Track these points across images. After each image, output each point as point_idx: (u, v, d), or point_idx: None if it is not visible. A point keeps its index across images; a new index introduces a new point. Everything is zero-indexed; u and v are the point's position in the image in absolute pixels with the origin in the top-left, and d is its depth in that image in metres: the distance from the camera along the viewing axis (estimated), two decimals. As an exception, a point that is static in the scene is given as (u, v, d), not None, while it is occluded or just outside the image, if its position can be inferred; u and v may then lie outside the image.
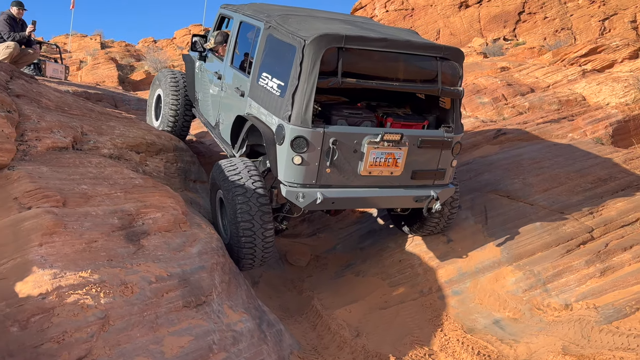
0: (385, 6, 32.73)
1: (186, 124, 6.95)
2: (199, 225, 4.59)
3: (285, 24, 4.75)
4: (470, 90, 9.88)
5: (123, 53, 30.25)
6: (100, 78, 22.23)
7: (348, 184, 4.59)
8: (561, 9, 29.22)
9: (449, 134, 4.81)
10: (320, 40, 4.26)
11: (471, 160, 7.09)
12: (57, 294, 3.01)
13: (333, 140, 4.36)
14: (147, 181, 4.55)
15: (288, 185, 4.49)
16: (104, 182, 4.18)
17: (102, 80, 21.97)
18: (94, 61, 24.25)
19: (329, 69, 4.34)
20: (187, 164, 6.36)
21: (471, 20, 30.61)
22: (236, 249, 4.68)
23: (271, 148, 4.54)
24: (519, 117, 8.92)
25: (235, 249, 4.69)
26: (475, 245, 5.47)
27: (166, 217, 4.20)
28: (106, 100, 9.17)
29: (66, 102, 5.28)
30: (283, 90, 4.47)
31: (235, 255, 4.71)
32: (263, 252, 4.71)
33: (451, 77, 4.74)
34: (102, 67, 23.06)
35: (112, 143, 5.06)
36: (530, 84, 10.13)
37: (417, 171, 4.76)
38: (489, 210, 5.78)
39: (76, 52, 31.62)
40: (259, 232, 4.56)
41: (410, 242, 5.78)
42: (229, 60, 5.71)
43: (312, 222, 7.65)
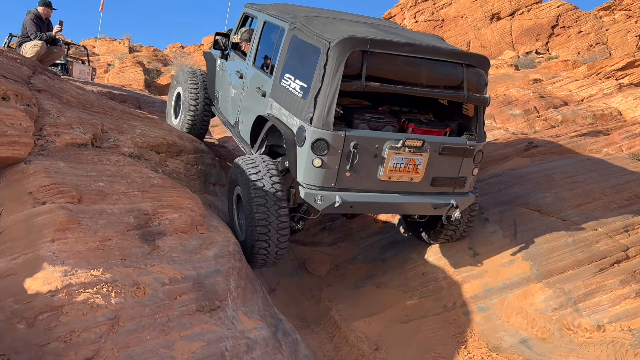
0: (414, 17, 32.61)
1: (205, 122, 6.94)
2: (216, 228, 4.51)
3: (310, 25, 4.74)
4: (501, 101, 9.68)
5: (150, 57, 30.69)
6: (127, 81, 22.51)
7: (367, 188, 4.58)
8: (596, 23, 28.75)
9: (472, 142, 4.77)
10: (345, 43, 4.25)
11: (501, 172, 6.91)
12: (66, 292, 2.95)
13: (354, 144, 4.35)
14: (165, 181, 4.50)
15: (307, 187, 4.48)
16: (121, 180, 4.13)
17: (128, 83, 22.25)
18: (121, 64, 24.61)
19: (352, 72, 4.33)
20: (208, 167, 6.30)
21: (502, 33, 30.30)
22: (250, 245, 4.68)
23: (291, 149, 4.54)
24: (551, 130, 8.69)
25: (249, 245, 4.69)
26: (503, 260, 5.29)
27: (183, 219, 4.13)
28: (130, 101, 9.21)
29: (88, 99, 5.27)
30: (305, 92, 4.46)
31: (249, 251, 4.70)
32: (277, 250, 4.70)
33: (476, 84, 4.71)
34: (129, 70, 23.38)
35: (132, 142, 5.03)
36: (563, 97, 9.89)
37: (437, 178, 4.73)
38: (519, 224, 5.59)
39: (104, 55, 32.18)
40: (275, 230, 4.56)
41: (434, 255, 5.62)
42: (251, 59, 5.71)
43: (332, 231, 7.53)
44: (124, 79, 22.68)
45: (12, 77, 4.24)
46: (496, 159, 7.57)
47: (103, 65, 27.67)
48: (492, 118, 9.47)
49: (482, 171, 7.30)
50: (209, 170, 6.31)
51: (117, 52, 32.04)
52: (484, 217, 5.81)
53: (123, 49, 33.32)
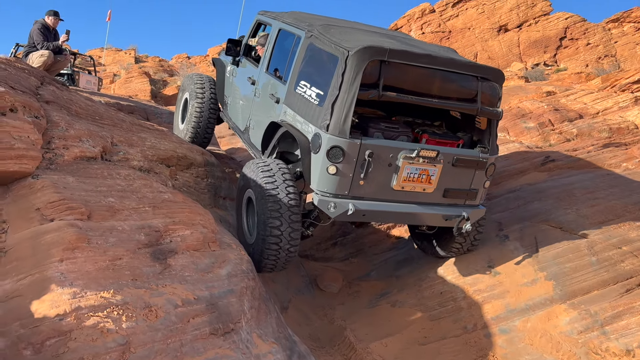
0: (421, 28, 32.59)
1: (209, 128, 6.89)
2: (229, 245, 4.36)
3: (328, 34, 4.78)
4: (514, 114, 9.54)
5: (156, 68, 30.71)
6: (133, 92, 22.48)
7: (380, 197, 4.61)
8: (605, 35, 28.64)
9: (484, 155, 4.82)
10: (364, 52, 4.29)
11: (518, 188, 6.74)
12: (75, 316, 2.79)
13: (369, 153, 4.38)
14: (176, 196, 4.35)
15: (320, 194, 4.50)
16: (132, 195, 3.98)
17: (134, 93, 22.21)
18: (127, 75, 24.59)
19: (369, 81, 4.37)
20: (218, 180, 6.17)
21: (510, 45, 30.21)
22: (260, 250, 4.68)
23: (306, 156, 4.57)
24: (566, 144, 8.53)
25: (259, 249, 4.69)
26: (524, 280, 5.11)
27: (195, 236, 3.98)
28: (138, 112, 9.10)
29: (97, 111, 5.15)
30: (322, 99, 4.49)
31: (258, 256, 4.71)
32: (287, 257, 4.71)
33: (490, 97, 4.77)
34: (135, 80, 23.34)
35: (142, 155, 4.90)
36: (578, 110, 9.74)
37: (449, 189, 4.77)
38: (540, 241, 5.41)
39: (110, 65, 32.24)
40: (286, 237, 4.57)
41: (452, 273, 5.44)
42: (264, 66, 5.73)
43: (344, 246, 7.37)
44: (130, 90, 22.64)
45: (20, 88, 4.12)
46: (512, 173, 7.41)
47: (109, 75, 27.68)
48: (506, 131, 9.33)
49: (499, 186, 7.15)
50: (219, 184, 6.17)
51: (123, 62, 32.10)
52: (504, 234, 5.64)
53: (129, 60, 33.38)
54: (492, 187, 7.23)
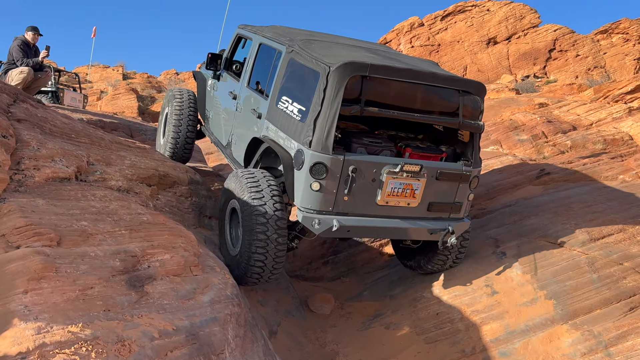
0: (410, 42, 32.68)
1: (188, 143, 6.77)
2: (212, 268, 4.13)
3: (309, 49, 4.76)
4: (507, 127, 9.41)
5: (144, 84, 30.56)
6: (120, 108, 22.28)
7: (364, 212, 4.60)
8: (594, 46, 28.81)
9: (468, 168, 4.82)
10: (346, 68, 4.28)
11: (514, 202, 6.57)
12: (39, 354, 2.54)
13: (352, 168, 4.36)
14: (156, 218, 4.13)
15: (304, 210, 4.47)
16: (107, 218, 3.75)
17: (121, 110, 22.01)
18: (114, 91, 24.40)
19: (351, 97, 4.36)
20: (203, 199, 5.94)
21: (499, 57, 30.32)
22: (245, 264, 4.62)
23: (289, 172, 4.54)
24: (561, 156, 8.39)
25: (243, 263, 4.63)
26: (524, 299, 4.91)
27: (175, 260, 3.75)
28: (121, 129, 8.89)
29: (74, 129, 4.93)
30: (304, 115, 4.47)
31: (242, 269, 4.65)
32: (272, 271, 4.67)
33: (472, 110, 4.77)
34: (123, 97, 23.16)
35: (121, 174, 4.67)
36: (571, 122, 9.62)
37: (433, 203, 4.76)
38: (539, 259, 5.22)
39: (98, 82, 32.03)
40: (272, 252, 4.53)
41: (448, 293, 5.23)
42: (245, 81, 5.68)
43: (335, 265, 7.15)
44: (117, 107, 22.44)
45: (-12, 106, 3.91)
46: (507, 187, 7.24)
47: (96, 92, 27.48)
48: (499, 144, 9.18)
49: (494, 200, 6.98)
50: (204, 203, 5.95)
51: (110, 79, 31.93)
52: (501, 251, 5.45)
53: (117, 76, 33.23)
54: (486, 201, 7.06)
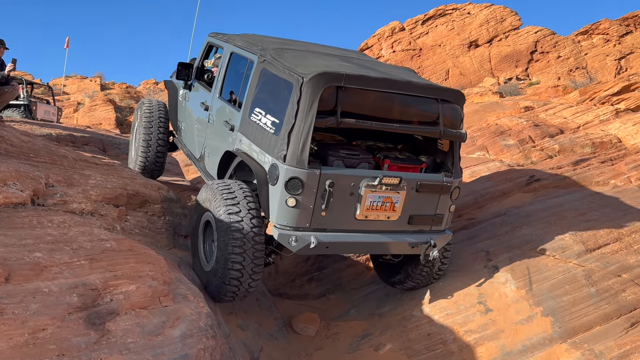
0: (392, 46, 32.62)
1: (159, 157, 6.53)
2: (184, 297, 3.80)
3: (281, 58, 4.62)
4: (493, 132, 9.19)
5: (123, 95, 30.08)
6: (97, 120, 21.81)
7: (343, 228, 4.47)
8: (575, 47, 28.94)
9: (449, 179, 4.71)
10: (320, 78, 4.14)
11: (504, 211, 6.32)
12: (-25, 414, 2.22)
13: (329, 183, 4.22)
14: (121, 243, 3.79)
15: (280, 227, 4.31)
16: (65, 247, 3.42)
17: (99, 122, 21.55)
18: (91, 103, 23.91)
19: (326, 108, 4.22)
20: (178, 217, 5.61)
21: (481, 60, 30.35)
22: (219, 281, 4.46)
23: (263, 188, 4.38)
24: (549, 161, 8.18)
25: (219, 277, 4.46)
26: (519, 317, 4.64)
27: (142, 290, 3.42)
28: (93, 143, 8.51)
29: (33, 147, 4.59)
30: (278, 128, 4.32)
31: (218, 283, 4.50)
32: (248, 287, 4.52)
33: (452, 119, 4.66)
34: (100, 109, 22.68)
35: (84, 195, 4.33)
36: (558, 125, 9.44)
37: (414, 216, 4.65)
38: (533, 272, 4.97)
39: (75, 94, 31.49)
40: (249, 267, 4.36)
41: (439, 312, 4.95)
42: (217, 91, 5.50)
43: (320, 281, 6.84)
44: (94, 118, 21.97)
45: None
46: (496, 195, 7.01)
47: (73, 104, 26.97)
48: (485, 150, 8.96)
49: (483, 209, 6.73)
50: (179, 221, 5.62)
51: (88, 90, 31.41)
52: (493, 265, 5.19)
53: (94, 87, 32.72)
54: (475, 210, 6.81)
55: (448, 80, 30.60)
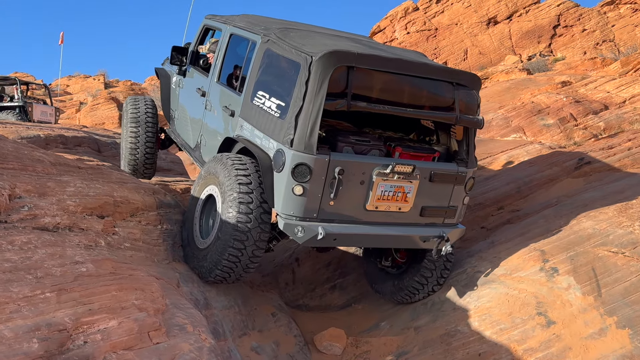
0: (406, 28, 31.73)
1: (148, 157, 6.30)
2: (182, 328, 3.18)
3: (287, 38, 4.48)
4: (529, 111, 8.44)
5: (127, 92, 29.63)
6: (100, 119, 21.33)
7: (351, 219, 4.32)
8: (601, 19, 27.80)
9: (463, 168, 4.58)
10: (330, 57, 3.98)
11: (555, 201, 5.59)
12: None
13: (339, 170, 4.07)
14: (102, 266, 3.16)
15: (286, 217, 4.15)
16: (26, 276, 2.79)
17: (101, 121, 21.06)
18: (93, 102, 23.42)
19: (336, 90, 4.05)
20: (177, 225, 4.98)
21: (501, 38, 29.32)
22: (213, 262, 4.34)
23: (267, 175, 4.22)
24: (596, 141, 7.42)
25: (212, 259, 4.35)
26: (589, 329, 3.94)
27: (126, 326, 2.80)
28: (87, 144, 7.92)
29: (0, 152, 3.96)
30: (284, 111, 4.17)
31: (209, 263, 4.37)
32: (243, 271, 4.41)
33: (468, 104, 4.52)
34: (102, 107, 22.18)
35: (59, 207, 3.70)
36: (601, 100, 8.65)
37: (426, 207, 4.52)
38: (601, 274, 4.25)
39: (78, 93, 31.12)
40: (249, 252, 4.26)
41: (491, 325, 4.26)
42: (215, 76, 5.31)
43: (344, 290, 6.18)
44: (96, 118, 21.48)
45: None
46: (541, 182, 6.28)
47: (75, 104, 26.56)
48: (522, 131, 8.22)
49: (529, 199, 6.02)
50: (179, 230, 4.98)
51: (91, 89, 31.02)
52: (551, 267, 4.47)
53: (98, 86, 32.33)
54: (519, 201, 6.10)
55: (467, 61, 29.69)
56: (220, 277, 4.45)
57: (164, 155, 8.90)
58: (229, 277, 4.45)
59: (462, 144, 4.71)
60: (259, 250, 4.30)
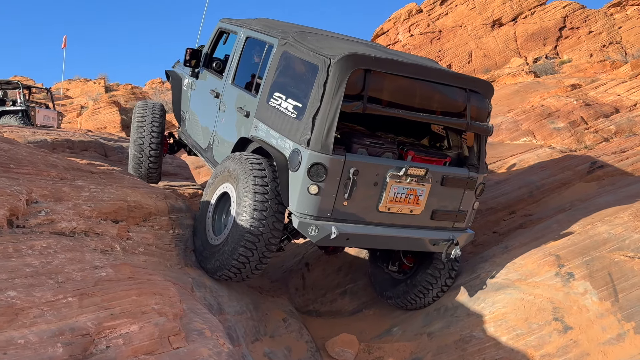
0: (409, 30, 31.79)
1: (153, 162, 6.41)
2: (200, 333, 3.21)
3: (305, 41, 4.62)
4: (539, 114, 8.48)
5: (128, 96, 29.72)
6: (102, 124, 21.40)
7: (364, 219, 4.43)
8: (607, 21, 27.87)
9: (474, 173, 4.72)
10: (348, 60, 4.11)
11: (568, 205, 5.63)
12: None
13: (354, 171, 4.18)
14: (120, 270, 3.21)
15: (300, 216, 4.27)
16: (48, 280, 2.83)
17: (103, 126, 21.13)
18: (95, 106, 23.50)
19: (352, 92, 4.19)
20: (188, 230, 5.02)
21: (506, 40, 29.39)
22: (224, 259, 4.45)
23: (282, 174, 4.34)
24: (608, 145, 7.46)
25: (223, 258, 4.46)
26: (606, 335, 3.98)
27: (146, 331, 2.84)
28: (93, 149, 7.97)
29: (14, 156, 4.01)
30: (301, 112, 4.30)
31: (219, 264, 4.50)
32: (250, 273, 4.52)
33: (479, 111, 4.67)
34: (104, 111, 22.25)
35: (75, 212, 3.74)
36: (612, 103, 8.69)
37: (437, 211, 4.64)
38: (617, 279, 4.29)
39: (79, 97, 31.20)
40: (260, 252, 4.35)
41: (507, 331, 4.29)
42: (230, 77, 5.50)
43: (355, 295, 6.21)
44: (98, 122, 21.55)
45: None
46: (553, 186, 6.32)
47: (76, 108, 26.64)
48: (531, 134, 8.26)
49: (541, 204, 6.05)
50: (190, 234, 5.02)
51: (92, 93, 31.10)
52: (566, 272, 4.50)
53: (99, 89, 32.41)
54: (532, 205, 6.13)
55: (471, 63, 29.74)
56: (225, 277, 4.57)
57: (170, 160, 8.94)
58: (234, 278, 4.56)
59: (473, 150, 4.83)
60: (269, 250, 4.40)
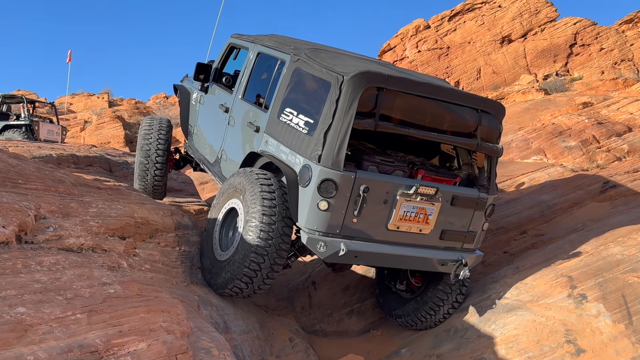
0: (417, 46, 31.95)
1: (158, 177, 6.48)
2: (207, 352, 3.24)
3: (318, 58, 4.69)
4: (550, 132, 8.52)
5: (132, 111, 29.94)
6: (105, 138, 21.56)
7: (373, 237, 4.47)
8: (619, 38, 27.99)
9: (484, 194, 4.77)
10: (361, 77, 4.19)
11: (579, 225, 5.64)
12: None
13: (364, 188, 4.23)
14: (128, 287, 3.24)
15: (309, 232, 4.31)
16: (56, 297, 2.87)
17: (107, 141, 21.29)
18: (98, 120, 23.69)
19: (364, 110, 4.25)
20: (194, 247, 5.07)
21: (516, 57, 29.51)
22: (231, 274, 4.48)
23: (292, 190, 4.38)
24: (620, 164, 7.48)
25: (230, 273, 4.48)
26: (620, 358, 3.98)
27: (155, 349, 2.86)
28: (98, 164, 8.05)
29: (22, 172, 4.08)
30: (312, 128, 4.36)
31: (226, 276, 4.53)
32: (256, 289, 4.56)
33: (490, 132, 4.75)
34: (108, 126, 22.44)
35: (83, 228, 3.79)
36: (624, 122, 8.73)
37: (446, 231, 4.69)
38: (631, 301, 4.29)
39: (82, 112, 31.45)
40: (266, 269, 4.37)
41: (520, 353, 4.29)
42: (240, 92, 5.58)
43: (362, 315, 6.21)
44: (102, 137, 21.72)
45: None
46: (565, 206, 6.33)
47: (80, 123, 26.85)
48: (542, 153, 8.29)
49: (552, 223, 6.07)
50: (197, 252, 5.06)
51: (95, 107, 31.35)
52: (579, 294, 4.51)
53: (102, 104, 32.67)
54: (543, 225, 6.15)
55: (480, 80, 29.85)
56: (231, 293, 4.61)
57: (175, 176, 9.02)
58: (239, 293, 4.59)
59: (484, 170, 4.89)
60: (277, 266, 4.42)
